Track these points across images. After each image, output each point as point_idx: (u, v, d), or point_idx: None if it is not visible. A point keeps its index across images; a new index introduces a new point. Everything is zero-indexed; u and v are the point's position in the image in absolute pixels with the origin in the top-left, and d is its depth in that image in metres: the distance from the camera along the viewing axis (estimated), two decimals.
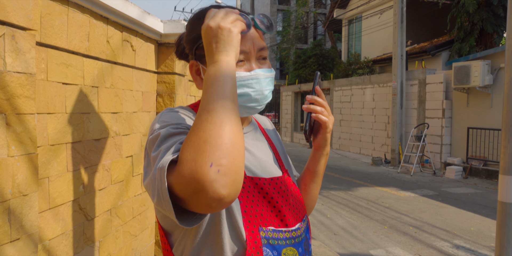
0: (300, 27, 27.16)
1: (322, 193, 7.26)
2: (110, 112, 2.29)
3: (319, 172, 1.12)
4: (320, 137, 1.05)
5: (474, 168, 8.89)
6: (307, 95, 1.01)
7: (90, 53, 2.05)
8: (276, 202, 0.93)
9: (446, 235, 4.88)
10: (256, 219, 0.88)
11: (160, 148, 0.78)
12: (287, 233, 0.93)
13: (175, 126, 0.84)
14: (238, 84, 0.90)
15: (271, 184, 0.95)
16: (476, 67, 8.55)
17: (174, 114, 0.91)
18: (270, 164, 1.01)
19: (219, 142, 0.68)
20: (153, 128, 0.87)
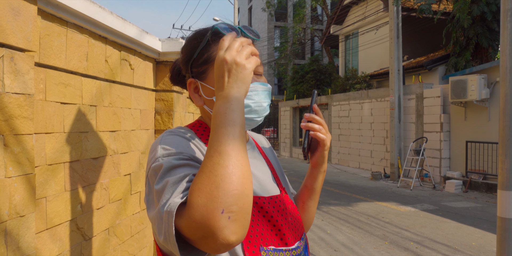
0: (298, 43, 27.46)
1: (321, 208, 7.20)
2: (108, 130, 2.29)
3: (316, 189, 1.13)
4: (318, 154, 1.06)
5: (473, 182, 8.86)
6: (305, 113, 1.03)
7: (88, 72, 2.07)
8: (276, 220, 0.94)
9: (448, 250, 4.83)
10: (257, 238, 0.88)
11: (164, 181, 0.78)
12: (287, 252, 0.92)
13: (177, 157, 0.83)
14: None
15: (270, 203, 0.95)
16: (473, 81, 8.62)
17: (175, 138, 0.89)
18: (269, 183, 1.02)
19: (231, 188, 0.69)
20: (154, 155, 0.86)
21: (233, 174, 0.70)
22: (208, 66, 0.94)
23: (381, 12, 14.15)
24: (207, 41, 0.94)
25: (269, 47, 30.45)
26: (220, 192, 0.68)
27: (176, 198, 0.72)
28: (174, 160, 0.81)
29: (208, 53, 0.95)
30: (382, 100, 11.80)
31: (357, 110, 13.01)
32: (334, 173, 12.23)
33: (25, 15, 1.39)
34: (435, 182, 9.70)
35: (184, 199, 0.72)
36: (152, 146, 0.90)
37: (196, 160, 0.84)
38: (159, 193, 0.77)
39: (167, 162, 0.81)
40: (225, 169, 0.70)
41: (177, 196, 0.73)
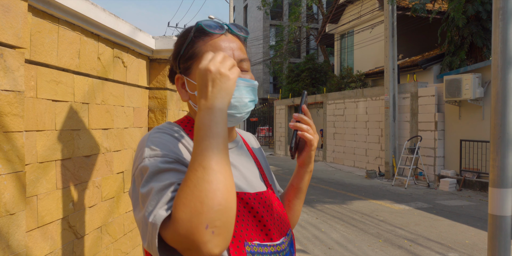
0: (293, 42, 27.46)
1: (316, 206, 7.22)
2: (100, 128, 2.28)
3: (302, 188, 1.14)
4: (305, 154, 1.08)
5: (467, 180, 8.91)
6: (294, 113, 1.04)
7: (80, 70, 2.06)
8: (261, 216, 0.94)
9: (441, 248, 4.86)
10: (242, 234, 0.88)
11: (150, 186, 0.79)
12: (272, 247, 0.93)
13: (163, 159, 0.83)
14: None
15: (256, 199, 0.95)
16: (467, 80, 8.66)
17: (162, 137, 0.89)
18: (255, 179, 1.03)
19: (215, 203, 0.70)
20: (141, 154, 0.86)
21: (217, 189, 0.71)
22: (193, 62, 0.96)
23: (376, 11, 14.18)
24: (192, 37, 0.96)
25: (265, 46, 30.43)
26: (205, 208, 0.70)
27: (161, 210, 0.74)
28: (160, 164, 0.82)
29: (193, 49, 0.96)
30: (377, 99, 11.83)
31: (352, 109, 13.04)
32: (329, 172, 12.26)
33: (15, 11, 1.38)
34: (429, 180, 9.75)
35: (169, 212, 0.73)
36: (140, 144, 0.90)
37: (182, 163, 0.84)
38: (144, 198, 0.79)
39: (153, 165, 0.81)
40: (210, 185, 0.71)
41: (162, 207, 0.74)
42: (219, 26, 0.96)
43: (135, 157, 0.89)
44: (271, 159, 16.82)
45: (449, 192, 8.72)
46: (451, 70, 11.00)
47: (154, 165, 0.81)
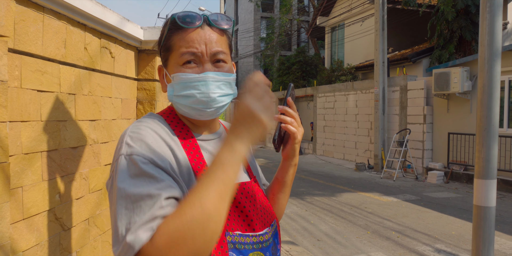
0: (284, 34, 27.37)
1: (305, 199, 7.27)
2: (88, 119, 2.26)
3: (287, 182, 1.13)
4: (288, 147, 1.06)
5: (455, 173, 9.03)
6: (278, 106, 1.02)
7: (67, 60, 2.03)
8: (244, 206, 0.94)
9: (428, 239, 4.93)
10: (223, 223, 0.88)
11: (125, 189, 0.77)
12: (254, 237, 0.93)
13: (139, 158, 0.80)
14: (184, 86, 0.92)
15: (238, 189, 0.95)
16: (456, 73, 8.73)
17: (141, 132, 0.87)
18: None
19: (200, 248, 0.70)
20: (119, 150, 0.85)
21: (207, 236, 0.71)
22: (169, 54, 0.96)
23: (367, 4, 14.17)
24: (167, 30, 0.95)
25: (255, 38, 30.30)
26: (189, 249, 0.69)
27: (141, 231, 0.71)
28: (135, 165, 0.79)
29: (168, 42, 0.96)
30: (367, 92, 11.88)
31: (342, 102, 13.09)
32: (319, 164, 12.33)
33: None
34: (417, 173, 9.87)
35: (149, 236, 0.71)
36: (120, 137, 0.89)
37: (156, 165, 0.81)
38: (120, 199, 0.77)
39: (128, 166, 0.80)
40: (202, 231, 0.70)
41: (142, 228, 0.72)
42: (195, 19, 0.93)
43: (116, 148, 0.87)
44: (262, 151, 16.85)
45: (436, 184, 8.84)
46: (440, 63, 11.08)
47: (129, 165, 0.80)
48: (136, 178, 0.78)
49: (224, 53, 0.96)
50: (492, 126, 1.60)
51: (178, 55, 0.93)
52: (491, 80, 1.59)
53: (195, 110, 0.94)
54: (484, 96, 1.65)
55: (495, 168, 1.65)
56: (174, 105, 0.97)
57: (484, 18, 1.64)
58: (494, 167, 1.62)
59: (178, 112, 0.98)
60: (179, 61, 0.93)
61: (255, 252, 0.92)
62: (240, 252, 0.89)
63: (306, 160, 13.27)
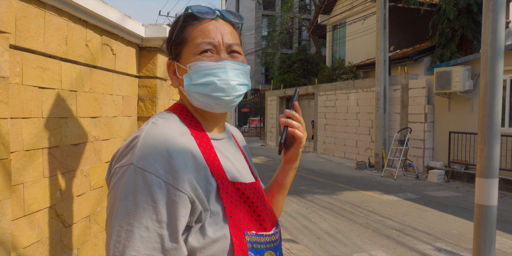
0: (285, 32, 27.33)
1: (306, 197, 7.28)
2: (89, 116, 2.25)
3: (286, 184, 1.14)
4: (292, 151, 1.07)
5: (456, 172, 9.03)
6: (285, 110, 1.04)
7: (68, 56, 2.02)
8: (256, 206, 0.94)
9: (428, 238, 4.93)
10: (241, 223, 0.88)
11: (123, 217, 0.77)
12: (267, 237, 0.93)
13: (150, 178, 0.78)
14: (204, 73, 0.91)
15: (250, 189, 0.95)
16: (457, 72, 8.72)
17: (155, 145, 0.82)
18: (245, 171, 1.02)
19: None
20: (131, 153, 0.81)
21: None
22: (182, 47, 0.95)
23: (368, 2, 14.14)
24: (182, 23, 0.95)
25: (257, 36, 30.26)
26: None
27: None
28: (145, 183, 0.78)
29: (182, 35, 0.95)
30: (368, 91, 11.87)
31: (343, 100, 13.07)
32: (319, 163, 12.33)
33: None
34: (418, 172, 9.86)
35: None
36: (132, 136, 0.86)
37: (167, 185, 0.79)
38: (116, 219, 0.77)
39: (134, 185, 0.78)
40: None
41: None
42: (210, 11, 0.95)
43: (124, 146, 0.85)
44: (262, 149, 16.86)
45: (437, 183, 8.84)
46: (441, 62, 11.07)
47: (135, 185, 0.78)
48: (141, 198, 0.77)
49: (238, 45, 0.97)
50: (494, 125, 1.60)
51: (194, 45, 0.92)
52: (493, 79, 1.59)
53: (213, 98, 0.92)
54: (487, 94, 1.64)
55: (497, 167, 1.64)
56: (189, 96, 0.94)
57: (487, 17, 1.63)
58: (496, 166, 1.62)
59: (193, 103, 0.95)
60: (195, 51, 0.92)
61: (268, 252, 0.92)
62: (257, 252, 0.89)
63: (307, 159, 13.27)
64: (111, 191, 0.81)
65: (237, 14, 1.00)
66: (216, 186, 0.87)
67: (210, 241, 0.82)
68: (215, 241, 0.83)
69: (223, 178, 0.89)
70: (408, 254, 4.36)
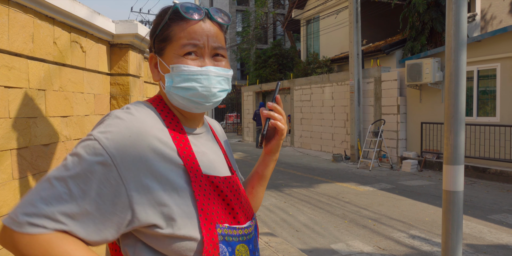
0: (260, 28, 27.31)
1: (284, 191, 7.34)
2: (59, 116, 2.21)
3: (267, 176, 1.17)
4: (274, 143, 1.11)
5: (428, 161, 9.28)
6: (268, 102, 1.06)
7: (35, 54, 1.98)
8: (230, 200, 0.95)
9: (403, 226, 5.07)
10: (213, 216, 0.89)
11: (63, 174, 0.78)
12: (240, 230, 0.95)
13: (96, 159, 0.80)
14: (186, 78, 0.91)
15: (224, 183, 0.96)
16: (427, 64, 8.94)
17: (125, 124, 0.84)
18: (222, 164, 1.04)
19: None
20: (93, 129, 0.84)
21: None
22: (166, 44, 0.94)
23: None
24: (167, 19, 0.94)
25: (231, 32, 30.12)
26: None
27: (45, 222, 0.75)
28: (85, 163, 0.79)
29: (167, 32, 0.94)
30: (343, 84, 12.02)
31: (319, 94, 13.21)
32: (296, 157, 12.44)
33: None
34: (392, 162, 10.09)
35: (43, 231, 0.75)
36: (106, 115, 0.88)
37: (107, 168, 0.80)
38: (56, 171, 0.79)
39: (82, 159, 0.80)
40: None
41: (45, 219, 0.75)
42: (197, 11, 0.94)
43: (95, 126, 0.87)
44: (240, 145, 16.87)
45: (410, 172, 9.07)
46: (412, 55, 11.31)
47: (84, 149, 0.80)
48: (75, 169, 0.79)
49: (223, 48, 0.97)
50: (459, 113, 1.66)
51: (179, 46, 0.92)
52: (457, 69, 1.64)
53: (193, 103, 0.94)
54: (451, 84, 1.70)
55: (463, 154, 1.71)
56: (169, 96, 0.95)
57: (450, 9, 1.69)
58: (461, 153, 1.68)
59: (172, 103, 0.96)
60: (179, 52, 0.92)
61: (240, 244, 0.94)
62: (228, 244, 0.90)
63: (284, 153, 13.37)
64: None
65: (226, 13, 0.99)
66: (188, 179, 0.88)
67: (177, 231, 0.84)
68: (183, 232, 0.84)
69: (196, 171, 0.89)
70: (383, 243, 4.48)
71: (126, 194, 0.79)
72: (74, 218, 0.76)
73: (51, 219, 0.75)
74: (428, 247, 4.32)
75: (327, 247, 4.39)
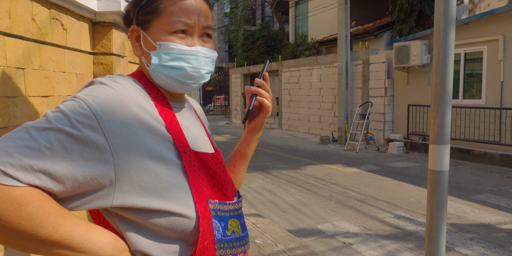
0: (248, 9, 26.92)
1: (271, 172, 7.39)
2: (40, 95, 2.15)
3: (249, 154, 1.16)
4: (258, 120, 1.09)
5: (414, 143, 9.40)
6: (256, 78, 1.05)
7: (12, 31, 1.90)
8: (219, 176, 0.95)
9: (388, 207, 5.16)
10: (204, 192, 0.89)
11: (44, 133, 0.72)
12: (231, 205, 0.95)
13: (80, 120, 0.74)
14: (174, 57, 0.88)
15: (213, 159, 0.95)
16: (415, 47, 8.94)
17: (111, 91, 0.81)
18: (206, 141, 1.03)
19: None
20: (77, 93, 0.80)
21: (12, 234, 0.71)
22: (153, 17, 0.90)
23: None
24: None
25: (219, 13, 29.64)
26: None
27: (20, 173, 0.68)
28: (70, 117, 0.74)
29: (156, 4, 0.90)
30: (331, 66, 11.99)
31: (307, 76, 13.17)
32: (284, 139, 12.48)
33: None
34: (379, 144, 10.19)
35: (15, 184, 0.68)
36: (88, 82, 0.84)
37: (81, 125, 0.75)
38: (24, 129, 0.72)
39: (70, 107, 0.75)
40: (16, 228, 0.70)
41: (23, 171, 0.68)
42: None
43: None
44: (228, 127, 16.85)
45: (397, 154, 9.19)
46: (401, 37, 11.29)
47: (68, 116, 0.74)
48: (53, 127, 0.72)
49: (212, 28, 0.95)
50: (446, 93, 1.65)
51: (169, 22, 0.87)
52: (445, 48, 1.63)
53: (179, 83, 0.91)
54: (439, 63, 1.69)
55: (449, 134, 1.71)
56: (153, 73, 0.91)
57: None
58: (447, 132, 1.69)
59: (156, 81, 0.92)
60: (168, 29, 0.88)
61: (232, 219, 0.94)
62: (221, 219, 0.90)
63: (272, 135, 13.40)
64: None
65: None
66: (178, 154, 0.86)
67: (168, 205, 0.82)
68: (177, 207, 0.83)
69: (185, 147, 0.88)
70: (369, 223, 4.55)
71: (112, 163, 0.75)
72: (51, 176, 0.70)
73: (27, 172, 0.68)
74: (412, 226, 4.41)
75: (314, 227, 4.45)
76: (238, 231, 0.94)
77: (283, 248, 3.58)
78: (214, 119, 21.74)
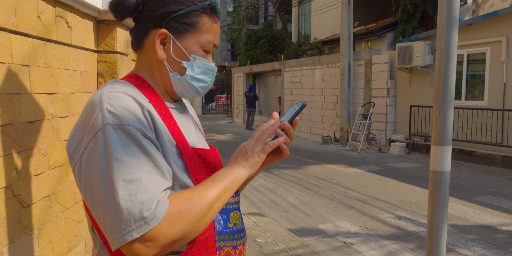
0: (251, 8, 26.91)
1: (273, 172, 7.39)
2: (44, 92, 2.16)
3: (244, 184, 1.12)
4: (269, 159, 1.03)
5: (416, 144, 9.39)
6: (284, 120, 0.98)
7: (18, 29, 1.91)
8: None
9: (389, 207, 5.16)
10: None
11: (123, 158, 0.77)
12: (232, 198, 0.98)
13: (131, 128, 0.80)
14: (203, 71, 0.98)
15: (212, 155, 0.99)
16: (418, 47, 8.92)
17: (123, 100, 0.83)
18: (201, 138, 1.06)
19: (196, 232, 0.82)
20: (101, 120, 0.79)
21: (202, 223, 0.83)
22: (190, 30, 0.95)
23: None
24: (201, 7, 0.95)
25: (222, 12, 29.63)
26: (183, 230, 0.79)
27: (159, 209, 0.75)
28: (134, 136, 0.79)
29: (196, 19, 0.95)
30: (333, 66, 11.98)
31: (309, 76, 13.16)
32: None
33: None
34: (380, 145, 10.19)
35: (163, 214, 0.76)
36: (93, 103, 0.83)
37: (146, 136, 0.81)
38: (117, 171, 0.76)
39: (121, 137, 0.78)
40: (200, 218, 0.81)
41: (157, 205, 0.76)
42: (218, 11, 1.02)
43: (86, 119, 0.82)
44: (229, 127, 16.86)
45: (398, 155, 9.18)
46: (404, 37, 11.28)
47: (121, 136, 0.78)
48: (132, 150, 0.78)
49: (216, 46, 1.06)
50: (449, 94, 1.66)
51: (205, 40, 0.96)
52: (448, 49, 1.63)
53: (197, 92, 1.00)
54: (442, 64, 1.69)
55: (451, 135, 1.72)
56: (177, 81, 0.96)
57: None
58: (449, 133, 1.69)
59: (174, 86, 0.97)
60: (203, 46, 0.96)
61: (234, 212, 0.98)
62: (223, 212, 0.95)
63: None
64: (94, 157, 0.78)
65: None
66: (179, 152, 0.90)
67: None
68: None
69: (184, 144, 0.92)
70: (370, 223, 4.56)
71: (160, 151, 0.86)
72: (168, 179, 0.83)
73: (160, 191, 0.78)
74: (413, 227, 4.42)
75: (315, 227, 4.46)
76: (239, 224, 0.98)
77: (284, 247, 3.59)
78: (216, 118, 21.75)
